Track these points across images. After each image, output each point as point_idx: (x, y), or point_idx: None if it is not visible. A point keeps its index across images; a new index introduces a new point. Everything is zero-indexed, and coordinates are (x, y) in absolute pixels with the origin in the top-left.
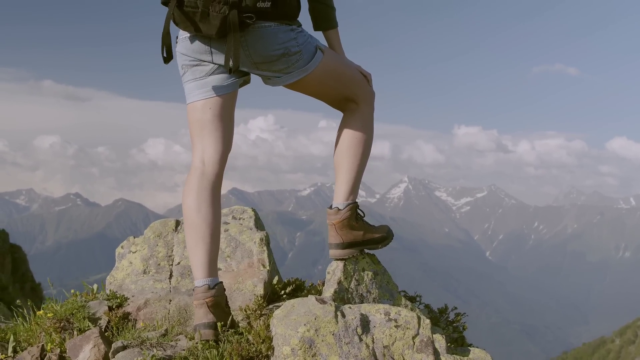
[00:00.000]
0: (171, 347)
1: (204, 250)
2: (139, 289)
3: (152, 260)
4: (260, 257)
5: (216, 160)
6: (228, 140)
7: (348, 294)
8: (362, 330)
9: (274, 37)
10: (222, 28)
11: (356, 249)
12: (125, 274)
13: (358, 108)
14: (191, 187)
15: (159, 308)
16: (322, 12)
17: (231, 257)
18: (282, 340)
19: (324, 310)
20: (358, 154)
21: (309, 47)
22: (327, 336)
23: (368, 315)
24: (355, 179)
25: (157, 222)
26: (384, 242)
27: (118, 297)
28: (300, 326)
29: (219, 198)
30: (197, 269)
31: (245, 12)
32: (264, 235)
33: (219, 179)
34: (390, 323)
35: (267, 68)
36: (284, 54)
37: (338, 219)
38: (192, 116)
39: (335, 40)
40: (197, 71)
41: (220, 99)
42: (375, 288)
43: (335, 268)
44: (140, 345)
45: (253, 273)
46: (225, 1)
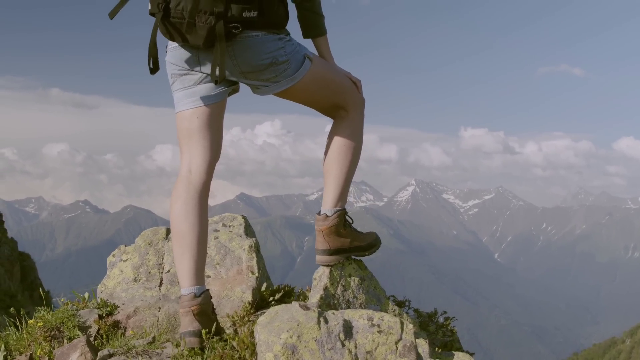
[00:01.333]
0: (157, 355)
1: (190, 259)
2: (129, 297)
3: (142, 269)
4: (249, 264)
5: (204, 169)
6: (216, 149)
7: (334, 299)
8: (345, 336)
9: (262, 46)
10: (209, 38)
11: (343, 255)
12: (116, 282)
13: (348, 115)
14: (178, 196)
15: (148, 316)
16: (311, 20)
17: (220, 264)
18: (265, 347)
19: (306, 316)
20: (347, 161)
21: (297, 55)
22: (309, 342)
23: (351, 320)
24: (344, 185)
25: (148, 231)
26: (371, 249)
27: (108, 306)
28: (283, 332)
29: (206, 207)
30: (184, 277)
31: (231, 22)
32: (253, 242)
33: (206, 188)
34: (373, 328)
35: (255, 77)
36: (271, 63)
37: (326, 225)
38: (180, 125)
39: (324, 47)
40: (186, 80)
41: (208, 108)
42: (362, 293)
43: (321, 274)
44: (127, 353)
45: (242, 280)
46: (211, 12)
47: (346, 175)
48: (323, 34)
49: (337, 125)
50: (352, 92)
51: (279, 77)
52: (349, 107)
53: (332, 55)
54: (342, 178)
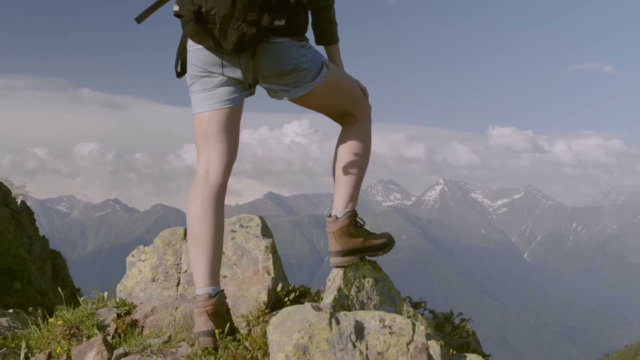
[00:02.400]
0: (171, 354)
1: (206, 260)
2: (147, 296)
3: (160, 269)
4: (265, 265)
5: (221, 171)
6: (233, 151)
7: (348, 300)
8: (356, 337)
9: (286, 52)
10: (239, 44)
11: (356, 256)
12: (134, 282)
13: (357, 121)
14: (195, 197)
15: (165, 315)
16: (326, 28)
17: (237, 264)
18: (277, 347)
19: (318, 317)
20: (356, 165)
21: (316, 62)
22: (321, 343)
23: (363, 322)
24: (354, 188)
25: (167, 231)
26: (384, 249)
27: (127, 305)
28: (294, 333)
29: (222, 208)
30: (199, 277)
31: (263, 30)
32: (269, 243)
33: (222, 190)
34: (385, 330)
35: (276, 82)
36: (294, 70)
37: (337, 226)
38: (198, 127)
39: (336, 54)
40: (206, 82)
41: (226, 111)
42: (376, 294)
43: (335, 275)
44: (142, 351)
45: (258, 280)
46: (244, 19)
47: (356, 179)
48: (336, 42)
49: (347, 131)
50: (361, 99)
51: (298, 83)
52: (358, 113)
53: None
54: (353, 181)
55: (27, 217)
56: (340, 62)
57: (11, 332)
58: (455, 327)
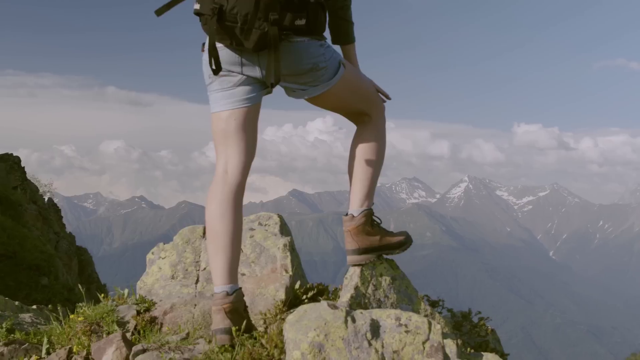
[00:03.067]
0: (189, 351)
1: (224, 258)
2: (166, 293)
3: (180, 266)
4: (283, 263)
5: (239, 170)
6: (251, 150)
7: (365, 299)
8: (372, 335)
9: (306, 51)
10: (260, 43)
11: (373, 254)
12: (154, 279)
13: (371, 120)
14: (214, 196)
15: (184, 312)
16: (343, 27)
17: (255, 262)
18: (293, 345)
19: (334, 315)
20: (371, 164)
21: (334, 62)
22: (336, 341)
23: (379, 320)
24: (369, 187)
25: (186, 229)
26: (401, 247)
27: (146, 302)
28: (310, 331)
29: (240, 207)
30: (217, 275)
31: (284, 29)
32: (288, 241)
33: (241, 188)
34: (401, 328)
35: (294, 80)
36: (312, 69)
37: (353, 224)
38: (217, 126)
39: (352, 54)
40: (225, 82)
41: (245, 110)
42: (393, 293)
43: (352, 274)
44: (160, 348)
45: (276, 278)
46: (266, 18)
47: (371, 178)
48: (352, 41)
49: (362, 131)
50: (376, 98)
51: (316, 82)
52: (373, 113)
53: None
54: (368, 180)
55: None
56: (356, 62)
57: (34, 328)
58: (474, 326)
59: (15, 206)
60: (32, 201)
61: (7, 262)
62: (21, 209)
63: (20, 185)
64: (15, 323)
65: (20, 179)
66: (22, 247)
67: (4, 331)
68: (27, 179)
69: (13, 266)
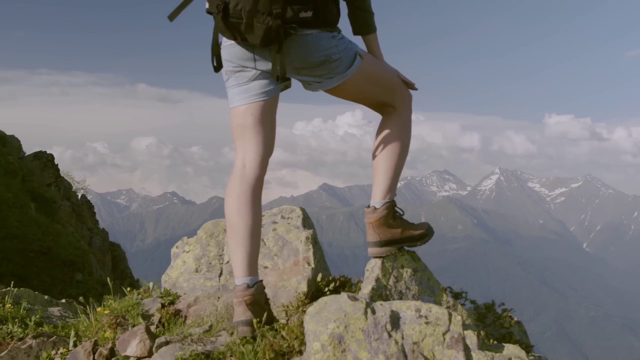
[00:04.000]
0: (211, 343)
1: (243, 251)
2: (190, 286)
3: (203, 260)
4: (305, 255)
5: (257, 163)
6: (269, 144)
7: (386, 290)
8: (392, 327)
9: (316, 44)
10: (266, 37)
11: (394, 246)
12: (179, 273)
13: (395, 111)
14: (232, 189)
15: (207, 305)
16: (362, 18)
17: (278, 255)
18: (313, 337)
19: (354, 307)
20: (395, 155)
21: (348, 53)
22: (356, 332)
23: (399, 311)
24: (392, 179)
25: (210, 223)
26: (423, 239)
27: (170, 295)
28: (330, 322)
29: (259, 200)
30: (237, 268)
31: (288, 22)
32: (310, 234)
33: (259, 182)
34: (421, 319)
35: (308, 73)
36: (325, 61)
37: (375, 217)
38: (235, 121)
39: (374, 44)
40: (240, 77)
41: (261, 104)
42: (414, 285)
43: (373, 266)
44: (182, 340)
45: (298, 271)
46: (269, 12)
47: (395, 169)
48: (373, 32)
49: (386, 121)
50: (401, 89)
51: (331, 74)
52: (397, 103)
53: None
54: (391, 172)
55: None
56: (379, 52)
57: (62, 321)
58: (497, 317)
59: (50, 203)
60: (66, 198)
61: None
62: (55, 205)
63: (54, 182)
64: (45, 316)
65: (54, 176)
66: (56, 243)
67: (33, 324)
68: (61, 176)
69: (48, 262)
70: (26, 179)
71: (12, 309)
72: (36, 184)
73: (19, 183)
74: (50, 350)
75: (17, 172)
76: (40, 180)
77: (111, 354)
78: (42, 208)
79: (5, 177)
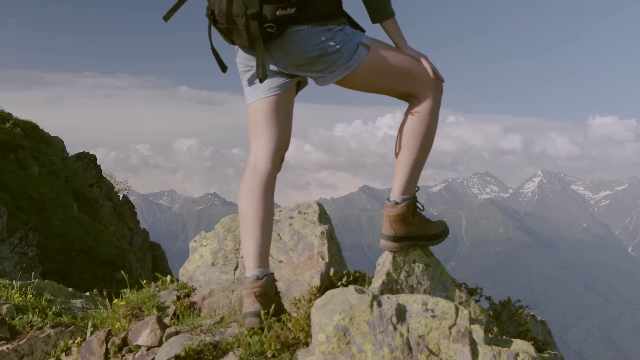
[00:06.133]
0: (220, 334)
1: (253, 243)
2: (206, 280)
3: (220, 253)
4: (320, 250)
5: (267, 157)
6: (280, 138)
7: (397, 285)
8: (398, 320)
9: (308, 39)
10: (251, 39)
11: (407, 243)
12: (196, 266)
13: (418, 102)
14: (244, 184)
15: (222, 298)
16: (373, 4)
17: (293, 249)
18: (318, 328)
19: (360, 299)
20: (415, 148)
21: (349, 45)
22: (361, 325)
23: (405, 305)
24: (412, 173)
25: (227, 218)
26: (437, 239)
27: (186, 288)
28: (335, 315)
29: (271, 194)
30: (248, 260)
31: (265, 22)
32: (325, 229)
33: (270, 176)
34: (427, 313)
35: (309, 69)
36: (321, 55)
37: (395, 212)
38: (248, 118)
39: (391, 30)
40: (250, 76)
41: (271, 99)
42: (426, 280)
43: (384, 260)
44: (192, 330)
45: (312, 265)
46: (245, 15)
47: (415, 163)
48: (387, 18)
49: (408, 112)
50: (422, 77)
51: (332, 67)
52: (419, 93)
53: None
54: (410, 166)
55: (128, 211)
56: (400, 38)
57: (83, 312)
58: (513, 314)
59: (92, 203)
60: (108, 198)
61: (84, 257)
62: (97, 205)
63: (96, 182)
64: (66, 308)
65: (96, 176)
66: (97, 242)
67: (52, 314)
68: (103, 177)
69: (89, 261)
70: (69, 179)
71: (33, 300)
72: (79, 184)
73: (62, 183)
74: (68, 339)
75: (61, 172)
76: (82, 181)
77: (123, 343)
78: (85, 208)
79: (49, 177)
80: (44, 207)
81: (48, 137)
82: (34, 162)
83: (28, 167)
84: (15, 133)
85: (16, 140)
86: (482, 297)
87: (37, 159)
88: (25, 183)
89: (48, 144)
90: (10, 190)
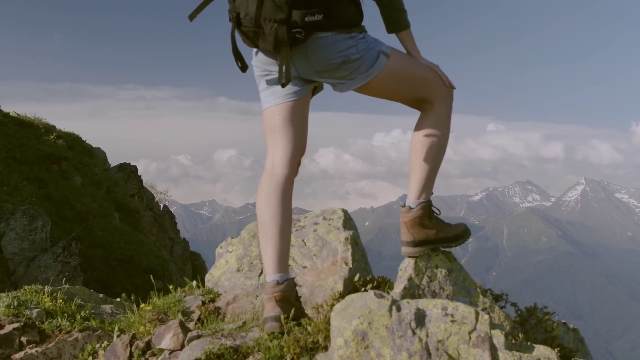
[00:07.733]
0: (241, 338)
1: (273, 248)
2: (231, 285)
3: (245, 259)
4: (344, 256)
5: (285, 162)
6: (297, 144)
7: (419, 290)
8: (417, 324)
9: (332, 46)
10: (277, 43)
11: (428, 247)
12: (221, 272)
13: (432, 108)
14: (262, 189)
15: (246, 303)
16: (390, 16)
17: (317, 255)
18: (337, 332)
19: (379, 304)
20: (430, 154)
21: (370, 52)
22: (380, 329)
23: (424, 309)
24: (427, 178)
25: (253, 224)
26: (458, 240)
27: (211, 293)
28: (354, 319)
29: (289, 199)
30: (268, 265)
31: (294, 27)
32: (349, 235)
33: (288, 181)
34: (447, 318)
35: (330, 76)
36: (344, 62)
37: (409, 217)
38: (265, 123)
39: (407, 41)
40: (269, 81)
41: (289, 104)
42: (449, 285)
43: (406, 265)
44: (213, 334)
45: (335, 270)
46: (274, 19)
47: (429, 168)
48: (403, 29)
49: (422, 118)
50: (436, 85)
51: (353, 75)
52: (434, 99)
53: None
54: (426, 171)
55: (169, 221)
56: (414, 49)
57: (112, 317)
58: (539, 321)
59: (133, 213)
60: (148, 208)
61: (125, 266)
62: (138, 215)
63: (137, 193)
64: (96, 313)
65: (137, 187)
66: (138, 252)
67: (80, 319)
68: (144, 187)
69: (130, 270)
70: (111, 190)
71: (63, 305)
72: (120, 194)
73: (104, 193)
74: (95, 343)
75: (103, 183)
76: (124, 191)
77: (147, 346)
78: (126, 218)
79: (91, 187)
80: (86, 217)
81: (90, 149)
82: (77, 173)
83: (71, 178)
84: (58, 145)
85: (60, 151)
86: (508, 303)
87: (80, 170)
88: (68, 194)
89: (90, 155)
90: (54, 201)
